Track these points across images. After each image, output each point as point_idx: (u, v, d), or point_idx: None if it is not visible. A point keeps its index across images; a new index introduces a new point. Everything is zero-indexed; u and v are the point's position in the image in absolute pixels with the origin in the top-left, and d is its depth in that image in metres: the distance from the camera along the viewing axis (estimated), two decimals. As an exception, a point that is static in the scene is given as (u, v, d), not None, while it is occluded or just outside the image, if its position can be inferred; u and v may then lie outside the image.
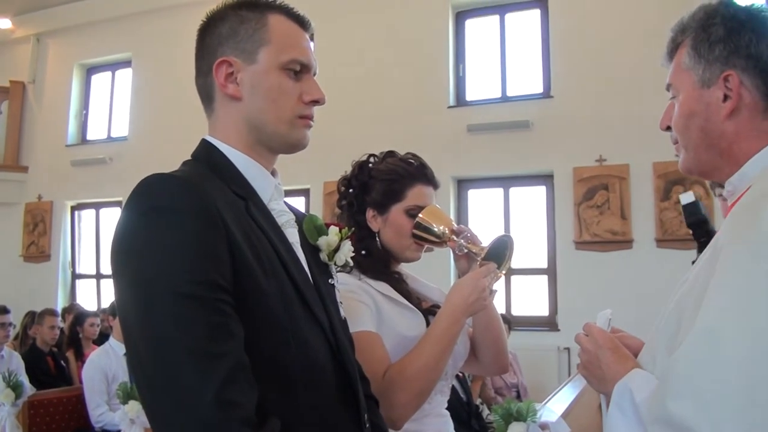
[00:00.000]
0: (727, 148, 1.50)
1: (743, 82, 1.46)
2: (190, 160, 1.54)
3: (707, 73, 1.50)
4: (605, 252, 7.70)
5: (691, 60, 1.53)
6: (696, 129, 1.52)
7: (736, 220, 1.36)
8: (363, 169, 2.28)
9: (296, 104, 1.53)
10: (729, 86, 1.47)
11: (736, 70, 1.47)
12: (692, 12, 1.58)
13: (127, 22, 10.53)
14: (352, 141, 5.28)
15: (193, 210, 1.30)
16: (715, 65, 1.49)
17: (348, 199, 2.27)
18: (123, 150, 10.34)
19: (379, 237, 2.23)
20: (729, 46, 1.48)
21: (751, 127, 1.47)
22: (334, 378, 1.49)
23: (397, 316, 2.11)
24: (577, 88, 7.81)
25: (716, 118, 1.48)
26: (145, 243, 1.28)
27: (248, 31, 1.51)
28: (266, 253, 1.40)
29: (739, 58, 1.47)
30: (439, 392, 2.21)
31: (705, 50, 1.50)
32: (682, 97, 1.54)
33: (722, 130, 1.49)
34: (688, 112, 1.52)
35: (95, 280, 10.66)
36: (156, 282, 1.24)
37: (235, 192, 1.46)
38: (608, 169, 7.77)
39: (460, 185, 8.66)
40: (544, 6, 8.46)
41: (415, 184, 2.25)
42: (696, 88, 1.52)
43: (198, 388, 1.18)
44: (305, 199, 9.00)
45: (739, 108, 1.47)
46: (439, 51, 8.76)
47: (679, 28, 1.60)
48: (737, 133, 1.48)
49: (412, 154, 2.33)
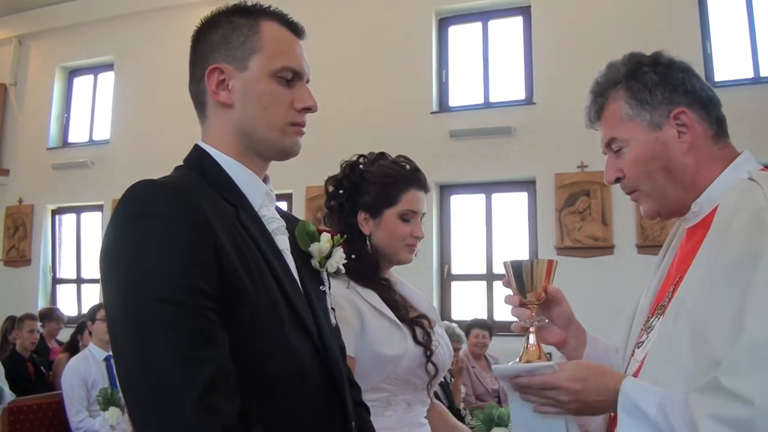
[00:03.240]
0: (690, 181, 1.61)
1: (694, 116, 1.60)
2: (182, 165, 1.54)
3: (655, 116, 1.60)
4: (587, 258, 7.74)
5: (633, 109, 1.63)
6: (660, 170, 1.61)
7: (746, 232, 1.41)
8: (354, 170, 2.27)
9: (288, 111, 1.53)
10: (680, 122, 1.59)
11: (682, 106, 1.60)
12: (605, 72, 1.70)
13: (109, 24, 10.47)
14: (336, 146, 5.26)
15: (181, 217, 1.31)
16: (661, 107, 1.60)
17: (338, 200, 2.25)
18: (105, 154, 10.27)
19: (369, 240, 2.23)
20: (668, 87, 1.61)
21: (707, 155, 1.60)
22: (321, 385, 1.48)
23: (380, 331, 2.11)
24: (559, 95, 7.85)
25: (677, 154, 1.59)
26: (132, 249, 1.29)
27: (240, 39, 1.52)
28: (255, 260, 1.41)
29: (679, 95, 1.60)
30: (419, 402, 2.21)
31: (646, 96, 1.61)
32: (635, 144, 1.62)
33: (684, 164, 1.60)
34: (648, 156, 1.61)
35: (76, 285, 10.57)
36: (141, 288, 1.25)
37: (226, 198, 1.46)
38: (590, 176, 7.81)
39: (443, 191, 8.68)
40: (526, 13, 8.51)
41: (410, 188, 2.25)
42: (648, 132, 1.61)
43: (180, 395, 1.18)
44: (288, 203, 8.98)
45: (696, 140, 1.59)
46: (423, 57, 8.78)
47: (600, 87, 1.70)
48: (697, 164, 1.60)
49: (404, 157, 2.33)
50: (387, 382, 2.11)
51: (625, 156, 1.65)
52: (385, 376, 2.10)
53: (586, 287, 7.50)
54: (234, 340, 1.30)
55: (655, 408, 1.41)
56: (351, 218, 2.23)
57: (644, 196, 1.67)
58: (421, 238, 2.28)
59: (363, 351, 2.07)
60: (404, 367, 2.11)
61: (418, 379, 2.16)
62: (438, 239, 8.51)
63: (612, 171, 1.69)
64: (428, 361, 2.15)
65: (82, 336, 7.07)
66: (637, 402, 1.43)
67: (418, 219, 2.27)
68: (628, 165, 1.64)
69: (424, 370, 2.15)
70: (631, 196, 1.70)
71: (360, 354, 2.06)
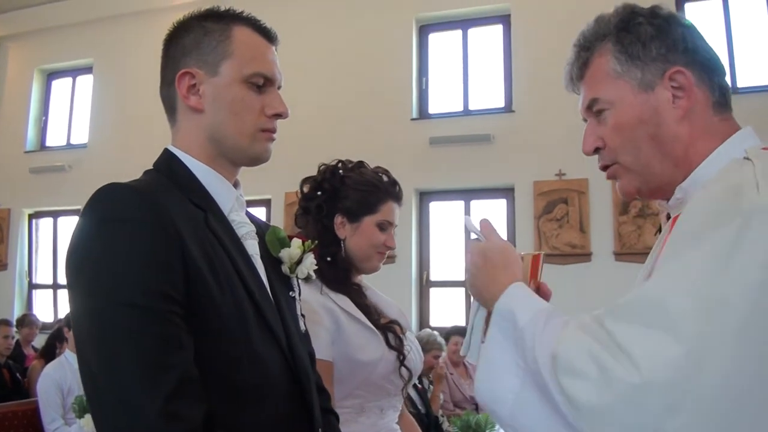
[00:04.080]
0: (682, 154, 1.35)
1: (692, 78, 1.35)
2: (151, 169, 1.54)
3: (647, 74, 1.36)
4: (564, 265, 7.78)
5: (622, 65, 1.38)
6: (646, 139, 1.36)
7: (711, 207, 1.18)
8: (335, 174, 2.30)
9: (258, 117, 1.52)
10: (675, 84, 1.35)
11: (680, 66, 1.35)
12: (593, 24, 1.46)
13: (89, 27, 10.40)
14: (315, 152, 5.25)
15: (147, 221, 1.30)
16: (655, 65, 1.36)
17: (316, 202, 2.27)
18: (82, 157, 10.20)
19: (344, 244, 2.25)
20: (665, 42, 1.36)
21: (705, 125, 1.35)
22: (288, 392, 1.48)
23: (355, 337, 2.13)
24: (538, 103, 7.90)
25: (669, 122, 1.35)
26: (97, 253, 1.28)
27: (211, 43, 1.51)
28: (222, 265, 1.40)
29: (677, 53, 1.36)
30: (391, 408, 2.24)
31: (639, 50, 1.37)
32: (620, 107, 1.38)
33: (676, 133, 1.35)
34: (634, 121, 1.37)
35: (52, 290, 10.48)
36: (107, 292, 1.25)
37: (194, 203, 1.45)
38: (568, 184, 7.87)
39: (422, 197, 8.70)
40: (506, 22, 8.56)
41: (388, 199, 2.30)
42: (637, 93, 1.37)
43: (144, 400, 1.18)
44: (266, 209, 8.96)
45: (693, 106, 1.35)
46: (403, 64, 8.80)
47: (586, 40, 1.46)
48: (692, 135, 1.35)
49: (383, 168, 2.37)
50: (361, 388, 2.13)
51: (608, 120, 1.40)
52: (360, 381, 2.11)
53: (564, 294, 7.52)
54: (200, 345, 1.30)
55: (527, 317, 1.27)
56: (328, 221, 2.26)
57: (624, 171, 1.42)
58: (392, 248, 2.33)
59: (339, 356, 2.08)
60: (379, 373, 2.13)
61: (391, 385, 2.18)
62: (417, 246, 8.53)
63: (591, 139, 1.44)
64: (402, 366, 2.17)
65: (61, 343, 6.97)
66: (513, 308, 1.29)
67: (392, 230, 2.32)
68: (610, 131, 1.40)
69: (398, 375, 2.17)
70: (607, 172, 1.45)
71: (336, 359, 2.07)
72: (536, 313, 1.27)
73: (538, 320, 1.26)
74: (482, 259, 1.42)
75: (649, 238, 7.35)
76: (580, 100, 1.48)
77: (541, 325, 1.25)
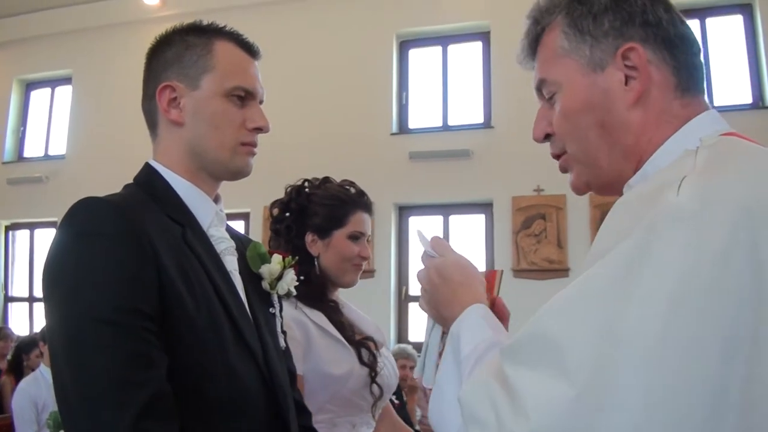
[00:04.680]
0: (632, 145, 1.16)
1: (649, 56, 1.15)
2: (131, 183, 1.53)
3: (597, 52, 1.17)
4: (542, 280, 7.82)
5: (570, 41, 1.20)
6: (593, 126, 1.17)
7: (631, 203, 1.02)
8: (300, 194, 2.31)
9: (238, 131, 1.52)
10: (629, 64, 1.15)
11: (635, 42, 1.15)
12: None
13: (68, 38, 10.33)
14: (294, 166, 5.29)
15: (122, 235, 1.30)
16: (607, 41, 1.16)
17: (285, 223, 2.29)
18: (60, 169, 10.10)
19: (318, 261, 2.25)
20: (620, 14, 1.17)
21: (661, 111, 1.15)
22: (264, 409, 1.46)
23: (326, 351, 2.13)
24: (517, 119, 7.93)
25: (620, 107, 1.15)
26: (71, 267, 1.28)
27: (193, 57, 1.51)
28: (199, 280, 1.39)
29: (634, 27, 1.16)
30: (365, 424, 2.24)
31: (589, 25, 1.18)
32: (568, 89, 1.20)
33: (627, 120, 1.15)
34: (581, 105, 1.18)
35: (28, 304, 10.35)
36: (80, 307, 1.24)
37: (172, 217, 1.45)
38: (546, 199, 7.93)
39: (401, 212, 8.72)
40: (485, 39, 8.64)
41: (357, 210, 2.30)
42: (585, 73, 1.18)
43: (114, 417, 1.18)
44: (245, 223, 8.93)
45: (648, 89, 1.15)
46: (383, 79, 8.85)
47: (538, 12, 1.28)
48: (644, 123, 1.15)
49: (350, 181, 2.38)
50: (332, 403, 2.13)
51: (557, 104, 1.22)
52: (330, 396, 2.12)
53: (542, 309, 7.59)
54: (174, 361, 1.29)
55: (468, 349, 1.16)
56: (298, 240, 2.27)
57: (573, 162, 1.24)
58: (367, 258, 2.33)
59: (310, 370, 2.09)
60: (350, 387, 2.14)
61: (363, 401, 2.19)
62: (396, 260, 8.53)
63: (542, 124, 1.27)
64: (373, 382, 2.17)
65: (27, 354, 6.88)
66: (461, 334, 1.19)
67: (365, 240, 2.33)
68: (558, 116, 1.22)
69: (369, 391, 2.17)
70: (560, 163, 1.27)
71: (307, 373, 2.08)
72: (476, 346, 1.17)
73: (473, 355, 1.16)
74: (439, 276, 1.31)
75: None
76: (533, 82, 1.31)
77: (472, 362, 1.15)
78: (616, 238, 0.96)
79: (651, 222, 0.91)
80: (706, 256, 0.87)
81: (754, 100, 7.85)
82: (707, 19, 8.08)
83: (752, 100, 7.85)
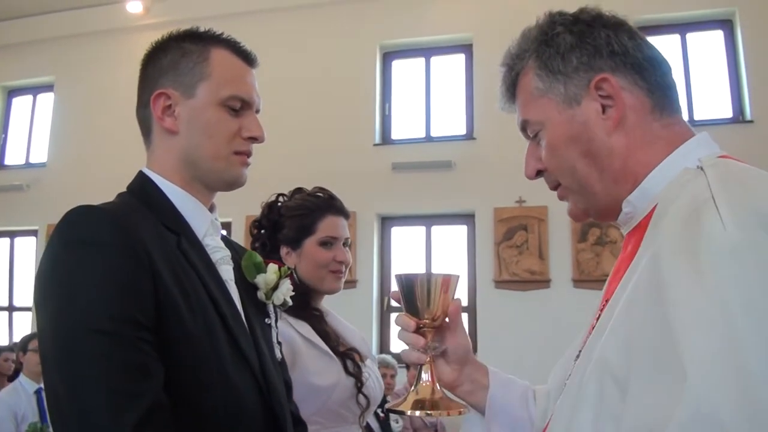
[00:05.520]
0: (621, 168, 1.22)
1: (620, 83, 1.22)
2: (124, 192, 1.51)
3: (571, 87, 1.24)
4: (524, 291, 7.86)
5: (544, 82, 1.27)
6: (579, 157, 1.24)
7: (672, 233, 1.03)
8: (272, 209, 2.32)
9: (233, 140, 1.49)
10: (603, 93, 1.22)
11: (605, 72, 1.22)
12: (519, 38, 1.34)
13: (51, 45, 10.26)
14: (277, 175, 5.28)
15: (117, 244, 1.27)
16: (578, 76, 1.23)
17: (260, 240, 2.30)
18: (41, 177, 10.02)
19: (296, 273, 2.25)
20: (586, 49, 1.24)
21: (643, 133, 1.21)
22: (261, 420, 1.44)
23: (311, 361, 2.13)
24: (499, 131, 7.97)
25: (601, 135, 1.21)
26: (65, 277, 1.25)
27: (189, 65, 1.48)
28: (194, 289, 1.37)
29: (602, 59, 1.23)
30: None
31: (558, 64, 1.25)
32: (549, 126, 1.26)
33: (610, 146, 1.21)
34: (564, 140, 1.24)
35: (7, 313, 10.23)
36: (75, 317, 1.21)
37: (167, 226, 1.43)
38: (528, 211, 7.97)
39: (384, 222, 8.73)
40: (468, 51, 8.70)
41: (326, 215, 2.29)
42: (563, 110, 1.25)
43: (111, 429, 1.15)
44: (226, 233, 8.86)
45: (625, 114, 1.21)
46: (366, 90, 8.89)
47: (511, 59, 1.35)
48: (629, 146, 1.21)
49: (320, 187, 2.38)
50: (319, 414, 2.12)
51: (542, 142, 1.28)
52: (317, 407, 2.11)
53: (523, 320, 7.63)
54: (170, 372, 1.26)
55: None
56: (274, 255, 2.26)
57: (568, 192, 1.30)
58: (345, 262, 2.31)
59: (296, 381, 2.08)
60: (336, 398, 2.13)
61: (349, 412, 2.19)
62: (378, 271, 8.54)
63: (531, 163, 1.33)
64: (359, 393, 2.17)
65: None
66: None
67: (340, 244, 2.31)
68: (545, 153, 1.28)
69: (356, 402, 2.17)
70: (558, 194, 1.34)
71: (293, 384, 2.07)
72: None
73: None
74: None
75: (607, 265, 7.45)
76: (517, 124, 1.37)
77: None
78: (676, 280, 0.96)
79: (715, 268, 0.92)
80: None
81: (734, 114, 7.96)
82: (688, 35, 8.22)
83: (732, 114, 7.97)
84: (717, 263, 0.92)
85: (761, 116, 7.62)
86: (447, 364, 1.45)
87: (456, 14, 8.74)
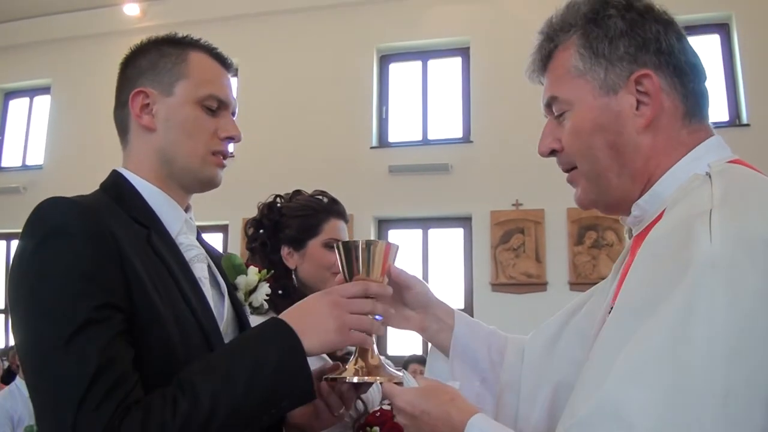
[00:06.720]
0: (641, 168, 1.22)
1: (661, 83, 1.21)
2: (97, 189, 1.52)
3: (611, 75, 1.22)
4: (520, 294, 7.87)
5: (585, 62, 1.24)
6: (604, 147, 1.22)
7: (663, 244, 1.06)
8: (272, 209, 2.30)
9: (210, 139, 1.51)
10: (642, 89, 1.21)
11: (648, 69, 1.21)
12: (562, 11, 1.30)
13: (48, 47, 10.25)
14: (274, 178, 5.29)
15: (85, 232, 1.28)
16: (621, 65, 1.21)
17: (260, 240, 2.28)
18: (37, 179, 10.00)
19: (295, 274, 2.25)
20: (635, 40, 1.21)
21: (670, 137, 1.21)
22: None
23: None
24: (495, 134, 8.02)
25: (630, 130, 1.20)
26: (36, 267, 1.26)
27: (167, 65, 1.51)
28: (163, 283, 1.37)
29: (648, 54, 1.21)
30: None
31: (605, 48, 1.22)
32: (579, 109, 1.25)
33: (637, 144, 1.21)
34: (593, 126, 1.22)
35: (4, 316, 10.22)
36: (46, 308, 1.22)
37: (137, 220, 1.43)
38: (524, 214, 7.99)
39: (381, 225, 8.74)
40: (465, 54, 8.72)
41: (330, 218, 2.29)
42: (598, 95, 1.23)
43: (84, 424, 1.15)
44: (223, 235, 8.89)
45: (658, 116, 1.20)
46: (363, 93, 8.90)
47: (551, 29, 1.31)
48: (654, 148, 1.20)
49: (321, 191, 2.37)
50: None
51: (567, 122, 1.27)
52: None
53: (520, 323, 7.60)
54: (139, 358, 1.26)
55: None
56: (274, 255, 2.25)
57: (581, 177, 1.28)
58: None
59: None
60: None
61: (345, 417, 2.17)
62: (375, 273, 8.51)
63: (548, 140, 1.31)
64: (356, 398, 2.16)
65: None
66: None
67: None
68: (568, 134, 1.26)
69: (353, 407, 2.16)
70: (568, 177, 1.32)
71: None
72: None
73: None
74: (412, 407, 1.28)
75: (604, 268, 7.46)
76: (541, 94, 1.35)
77: None
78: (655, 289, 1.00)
79: (693, 276, 0.95)
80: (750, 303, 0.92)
81: (731, 117, 7.99)
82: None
83: (729, 117, 7.99)
84: (697, 273, 0.95)
85: (757, 120, 7.65)
86: (412, 310, 1.59)
87: (453, 18, 8.75)
